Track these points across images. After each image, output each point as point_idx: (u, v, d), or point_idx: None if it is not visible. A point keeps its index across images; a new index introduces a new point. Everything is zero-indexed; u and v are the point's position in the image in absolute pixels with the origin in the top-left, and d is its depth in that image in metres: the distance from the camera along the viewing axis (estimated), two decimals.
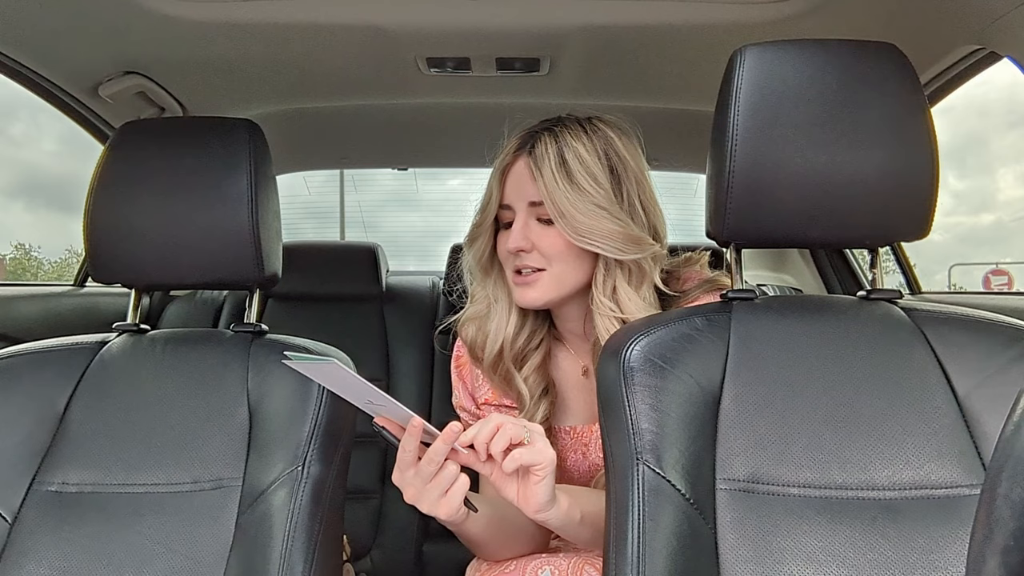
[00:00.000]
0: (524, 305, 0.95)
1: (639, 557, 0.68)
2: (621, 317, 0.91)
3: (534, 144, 0.93)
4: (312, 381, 0.86)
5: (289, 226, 1.10)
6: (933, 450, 0.73)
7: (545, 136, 0.93)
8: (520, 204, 0.93)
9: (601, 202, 0.90)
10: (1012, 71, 1.00)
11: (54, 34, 1.19)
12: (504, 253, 0.96)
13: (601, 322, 0.92)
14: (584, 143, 0.92)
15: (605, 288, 0.92)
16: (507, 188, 0.95)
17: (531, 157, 0.92)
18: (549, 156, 0.91)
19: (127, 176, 0.93)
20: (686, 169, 1.95)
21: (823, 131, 0.79)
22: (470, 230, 1.00)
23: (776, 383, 0.78)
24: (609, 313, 0.91)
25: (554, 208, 0.90)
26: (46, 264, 13.22)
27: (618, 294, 0.92)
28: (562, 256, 0.92)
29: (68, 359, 0.93)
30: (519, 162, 0.94)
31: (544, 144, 0.92)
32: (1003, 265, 10.32)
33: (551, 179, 0.90)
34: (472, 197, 1.01)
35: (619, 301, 0.92)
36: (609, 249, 0.90)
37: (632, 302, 0.91)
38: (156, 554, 0.80)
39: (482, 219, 0.97)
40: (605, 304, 0.92)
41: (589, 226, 0.89)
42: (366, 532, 1.71)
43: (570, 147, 0.91)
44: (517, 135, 0.97)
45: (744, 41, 0.82)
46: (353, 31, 1.23)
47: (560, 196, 0.89)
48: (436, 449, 0.73)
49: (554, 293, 0.93)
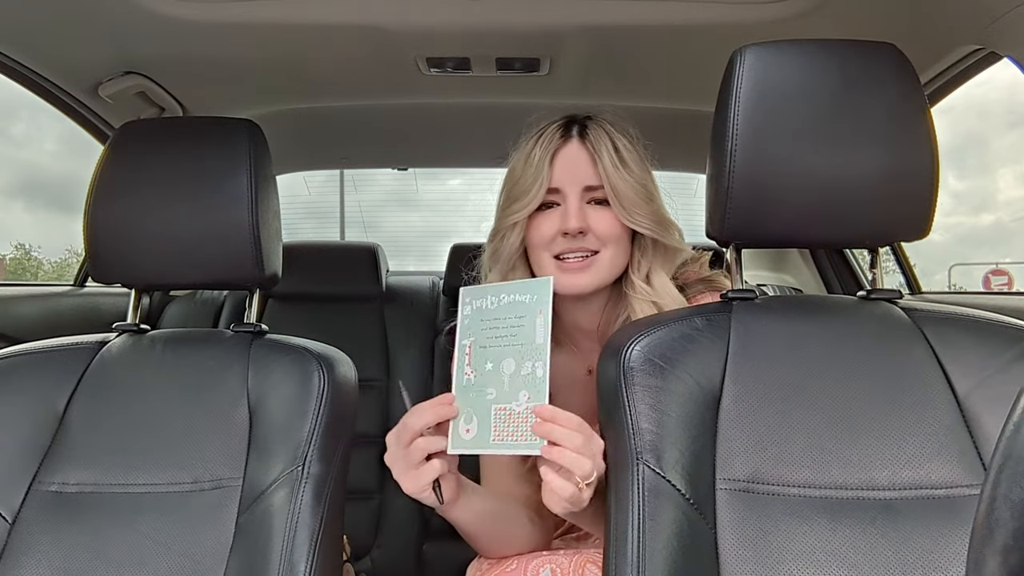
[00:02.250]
0: (572, 292, 0.95)
1: (639, 557, 0.68)
2: (656, 301, 0.95)
3: (584, 129, 0.97)
4: (312, 380, 0.86)
5: (289, 226, 1.10)
6: (933, 450, 0.73)
7: (592, 124, 0.97)
8: (573, 187, 0.95)
9: (646, 185, 0.95)
10: (1012, 71, 1.00)
11: (54, 34, 1.19)
12: (546, 237, 0.96)
13: (638, 305, 0.95)
14: (622, 132, 0.97)
15: (640, 271, 0.97)
16: (557, 171, 0.95)
17: (587, 142, 0.96)
18: (604, 141, 0.94)
19: (127, 176, 0.93)
20: (686, 169, 1.95)
21: (823, 131, 0.79)
22: (499, 221, 0.99)
23: (776, 383, 0.78)
24: (643, 295, 0.95)
25: (613, 190, 0.93)
26: (46, 264, 13.23)
27: (652, 277, 0.97)
28: (616, 239, 0.95)
29: (68, 359, 0.93)
30: (570, 146, 0.96)
31: (596, 131, 0.96)
32: (1003, 265, 10.33)
33: (610, 163, 0.93)
34: (472, 197, 1.02)
35: (653, 283, 0.96)
36: (654, 229, 0.95)
37: (664, 286, 0.96)
38: (156, 554, 0.80)
39: (524, 204, 0.95)
40: (641, 288, 0.96)
41: (640, 208, 0.94)
42: (366, 532, 1.71)
43: (616, 135, 0.96)
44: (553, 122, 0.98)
45: (744, 41, 0.82)
46: (353, 31, 1.23)
47: (619, 180, 0.93)
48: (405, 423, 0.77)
49: (605, 276, 0.96)
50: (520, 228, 0.97)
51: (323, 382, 0.87)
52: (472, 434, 0.77)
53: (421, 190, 10.68)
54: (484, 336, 0.79)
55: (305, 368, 0.88)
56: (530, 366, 0.76)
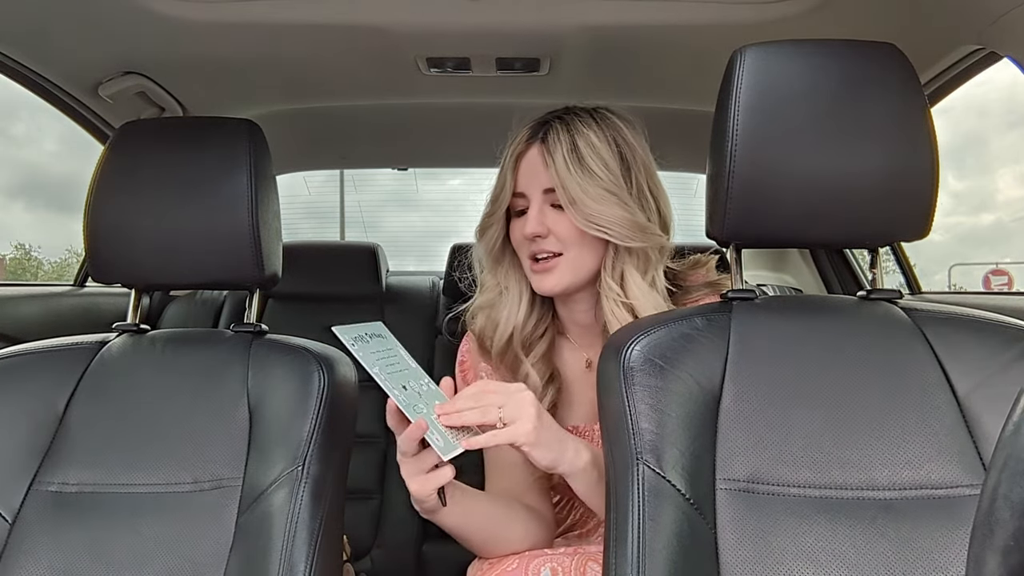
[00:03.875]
0: (543, 292, 0.97)
1: (639, 557, 0.68)
2: (627, 302, 0.94)
3: (546, 132, 0.96)
4: (312, 380, 0.86)
5: (289, 226, 1.10)
6: (933, 450, 0.73)
7: (557, 124, 0.96)
8: (534, 191, 0.96)
9: (611, 187, 0.92)
10: (1012, 71, 0.99)
11: (54, 34, 1.19)
12: (519, 240, 0.98)
13: (608, 305, 0.94)
14: (595, 130, 0.95)
15: (614, 273, 0.95)
16: (520, 176, 0.97)
17: (544, 145, 0.95)
18: (561, 143, 0.93)
19: (127, 176, 0.93)
20: (686, 169, 1.95)
21: (823, 131, 0.79)
22: (482, 219, 1.01)
23: (776, 383, 0.78)
24: (616, 297, 0.94)
25: (565, 194, 0.92)
26: (46, 264, 13.23)
27: (625, 280, 0.95)
28: (577, 241, 0.94)
29: (68, 359, 0.93)
30: (532, 150, 0.96)
31: (556, 132, 0.95)
32: (1003, 265, 10.33)
33: (563, 166, 0.92)
34: (472, 197, 1.03)
35: (626, 286, 0.94)
36: (617, 235, 0.92)
37: (638, 288, 0.94)
38: (156, 554, 0.80)
39: (495, 208, 0.98)
40: (613, 288, 0.94)
41: (599, 212, 0.91)
42: (366, 532, 1.71)
43: (582, 134, 0.94)
44: (528, 125, 0.99)
45: (744, 41, 0.82)
46: (353, 31, 1.23)
47: (571, 182, 0.92)
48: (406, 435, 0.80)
49: (571, 278, 0.96)
50: (498, 228, 0.99)
51: (323, 382, 0.87)
52: (442, 442, 0.79)
53: (421, 190, 10.69)
54: (382, 366, 0.81)
55: (305, 368, 0.88)
56: (424, 383, 0.85)
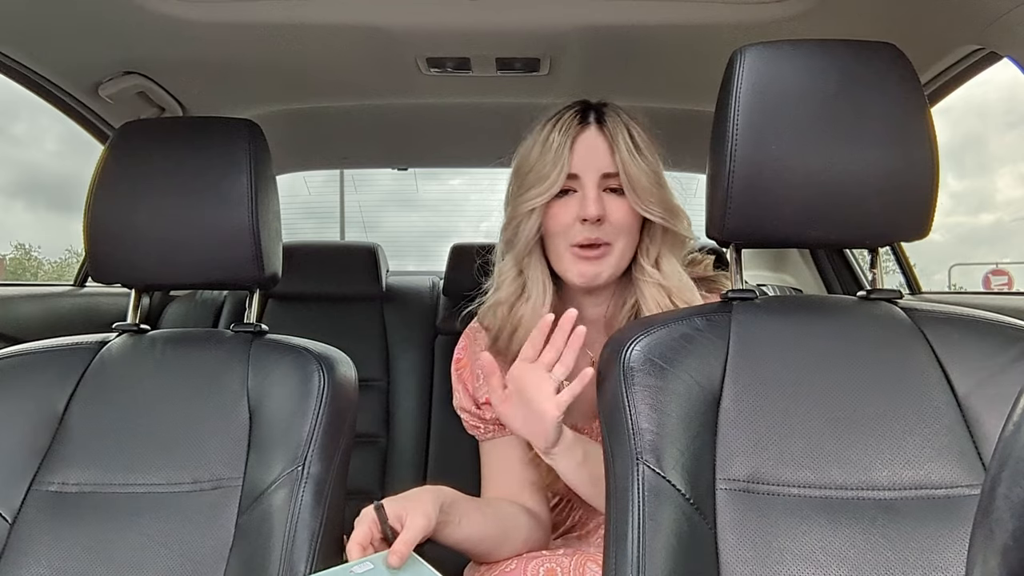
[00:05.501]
0: (586, 282, 0.96)
1: (639, 557, 0.68)
2: (664, 284, 0.95)
3: (602, 116, 0.96)
4: (312, 380, 0.87)
5: (289, 226, 1.10)
6: (933, 450, 0.73)
7: (609, 111, 0.97)
8: (591, 175, 0.94)
9: (659, 173, 0.96)
10: (1012, 71, 0.99)
11: (54, 34, 1.19)
12: (564, 224, 0.95)
13: (648, 290, 0.96)
14: (634, 120, 0.97)
15: (650, 257, 0.97)
16: (576, 158, 0.94)
17: (604, 129, 0.95)
18: (621, 129, 0.94)
19: (127, 176, 0.93)
20: (686, 169, 1.94)
21: (823, 131, 0.79)
22: (515, 207, 0.97)
23: (776, 383, 0.78)
24: (653, 279, 0.96)
25: (628, 178, 0.93)
26: (46, 264, 13.23)
27: (661, 263, 0.97)
28: (628, 229, 0.96)
29: (68, 359, 0.93)
30: (588, 133, 0.95)
31: (613, 118, 0.96)
32: (1003, 265, 10.32)
33: (626, 151, 0.94)
34: (472, 197, 1.02)
35: (662, 269, 0.97)
36: (665, 217, 0.95)
37: (673, 270, 0.97)
38: (156, 554, 0.80)
39: (543, 190, 0.94)
40: (650, 272, 0.96)
41: (654, 197, 0.94)
42: None
43: (631, 122, 0.96)
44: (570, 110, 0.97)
45: (744, 41, 0.82)
46: (353, 31, 1.23)
47: (634, 168, 0.93)
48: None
49: (614, 269, 0.97)
50: (538, 214, 0.95)
51: (323, 382, 0.87)
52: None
53: (421, 190, 10.68)
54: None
55: (305, 368, 0.88)
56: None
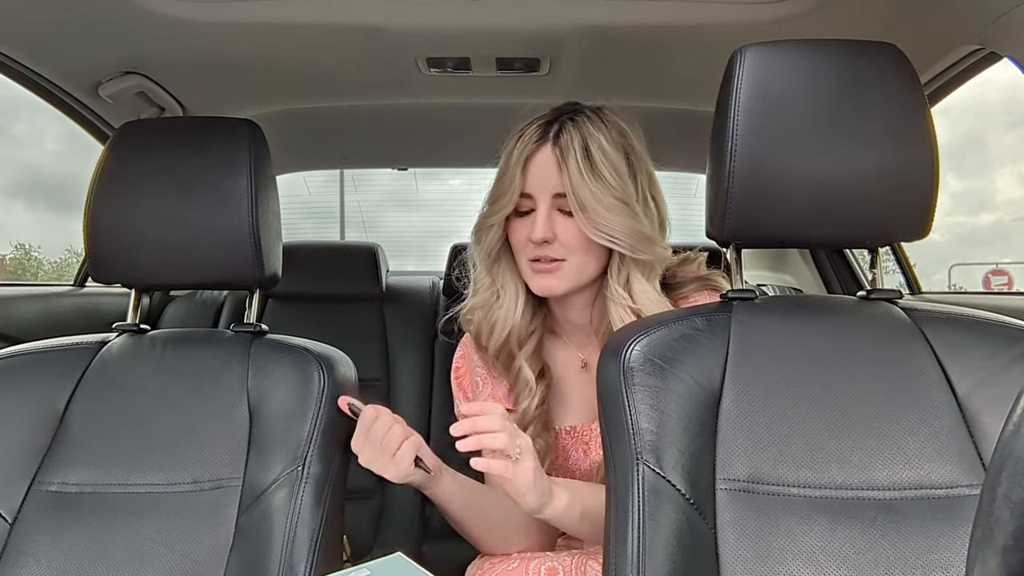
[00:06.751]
0: (542, 293, 0.96)
1: (639, 557, 0.68)
2: (634, 307, 0.92)
3: (559, 133, 0.92)
4: (312, 380, 0.87)
5: (289, 226, 1.10)
6: (933, 450, 0.73)
7: (569, 125, 0.92)
8: (543, 195, 0.93)
9: (621, 196, 0.91)
10: (1012, 71, 0.99)
11: (54, 34, 1.19)
12: (520, 241, 0.95)
13: (615, 310, 0.93)
14: (604, 134, 0.92)
15: (619, 278, 0.94)
16: (529, 177, 0.93)
17: (556, 147, 0.92)
18: (574, 147, 0.90)
19: (127, 176, 0.93)
20: (686, 169, 1.95)
21: (823, 131, 0.79)
22: (480, 219, 0.99)
23: (776, 383, 0.77)
24: (623, 302, 0.93)
25: (577, 202, 0.90)
26: (46, 264, 13.23)
27: (632, 284, 0.94)
28: (583, 248, 0.93)
29: (68, 359, 0.93)
30: (543, 151, 0.93)
31: (569, 134, 0.91)
32: (1003, 265, 10.32)
33: (576, 171, 0.90)
34: (472, 197, 1.02)
35: (632, 291, 0.93)
36: (625, 246, 0.91)
37: (645, 293, 0.93)
38: (156, 554, 0.80)
39: (498, 208, 0.95)
40: (619, 293, 0.93)
41: (609, 221, 0.90)
42: (366, 532, 1.71)
43: (593, 137, 0.91)
44: (536, 122, 0.95)
45: (744, 41, 0.82)
46: (353, 31, 1.23)
47: (584, 189, 0.89)
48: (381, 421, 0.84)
49: (573, 282, 0.95)
50: (498, 228, 0.96)
51: (323, 382, 0.87)
52: None
53: (421, 190, 10.67)
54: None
55: (305, 368, 0.88)
56: None
